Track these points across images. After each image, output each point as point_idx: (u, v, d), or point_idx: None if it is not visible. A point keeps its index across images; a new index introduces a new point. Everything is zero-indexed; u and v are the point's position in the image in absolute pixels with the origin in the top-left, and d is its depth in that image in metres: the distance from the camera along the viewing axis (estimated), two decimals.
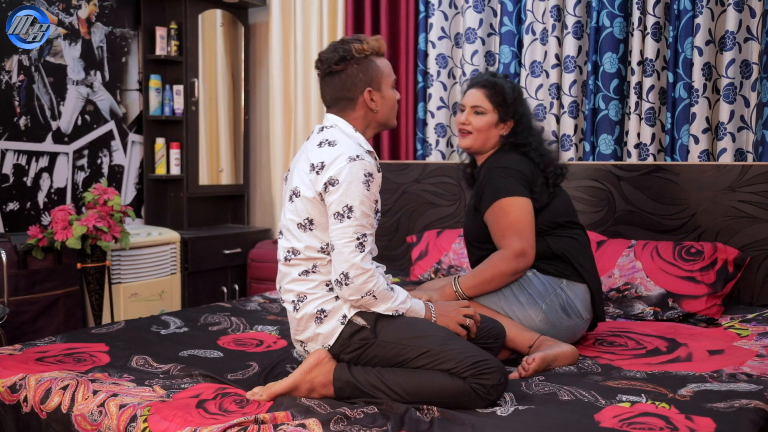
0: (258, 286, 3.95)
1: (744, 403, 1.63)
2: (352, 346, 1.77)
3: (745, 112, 2.94)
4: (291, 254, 1.82)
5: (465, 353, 1.71)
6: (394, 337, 1.75)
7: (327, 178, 1.74)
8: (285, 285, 1.86)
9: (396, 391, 1.69)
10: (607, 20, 3.12)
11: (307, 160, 1.81)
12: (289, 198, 1.83)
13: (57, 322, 3.09)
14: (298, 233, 1.80)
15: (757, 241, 2.75)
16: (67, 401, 1.71)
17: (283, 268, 1.86)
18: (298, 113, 4.09)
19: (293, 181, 1.84)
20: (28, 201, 3.46)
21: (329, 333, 1.79)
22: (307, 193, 1.77)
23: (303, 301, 1.81)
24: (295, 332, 1.86)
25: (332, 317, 1.79)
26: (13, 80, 3.36)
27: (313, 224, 1.78)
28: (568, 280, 2.22)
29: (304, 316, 1.81)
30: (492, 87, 2.32)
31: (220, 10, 4.13)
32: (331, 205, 1.74)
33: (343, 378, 1.72)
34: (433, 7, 3.57)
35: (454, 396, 1.67)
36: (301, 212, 1.79)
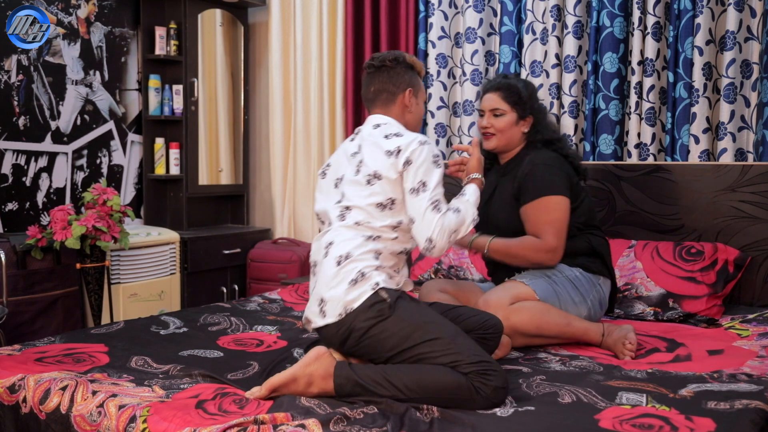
0: (257, 286, 3.95)
1: (744, 403, 1.62)
2: (369, 315, 1.81)
3: (745, 112, 2.93)
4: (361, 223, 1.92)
5: (471, 350, 1.75)
6: (408, 317, 1.81)
7: (404, 159, 1.91)
8: (338, 242, 1.91)
9: (398, 387, 1.69)
10: (607, 20, 3.12)
11: (378, 149, 1.96)
12: (367, 182, 1.94)
13: (56, 323, 3.09)
14: (376, 212, 1.92)
15: (757, 242, 2.74)
16: (67, 402, 1.71)
17: (343, 229, 1.93)
18: (298, 113, 4.08)
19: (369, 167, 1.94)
20: (27, 201, 3.46)
21: (356, 297, 1.83)
22: (389, 175, 1.91)
23: (349, 258, 1.87)
24: (323, 287, 1.89)
25: (366, 283, 1.84)
26: (12, 80, 3.35)
27: (394, 204, 1.92)
28: (603, 276, 2.37)
29: (344, 272, 1.86)
30: (506, 88, 2.44)
31: (219, 9, 4.13)
32: (408, 183, 1.91)
33: (344, 374, 1.73)
34: (433, 6, 3.56)
35: (454, 391, 1.68)
36: (384, 193, 1.92)
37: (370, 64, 2.11)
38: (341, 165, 2.06)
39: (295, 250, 3.91)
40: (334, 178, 2.05)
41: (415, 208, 1.90)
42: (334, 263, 1.88)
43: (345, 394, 1.72)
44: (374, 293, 1.83)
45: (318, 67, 4.00)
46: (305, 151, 4.10)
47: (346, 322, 1.83)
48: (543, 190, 2.30)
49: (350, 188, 1.97)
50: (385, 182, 1.92)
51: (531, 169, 2.35)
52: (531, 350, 2.20)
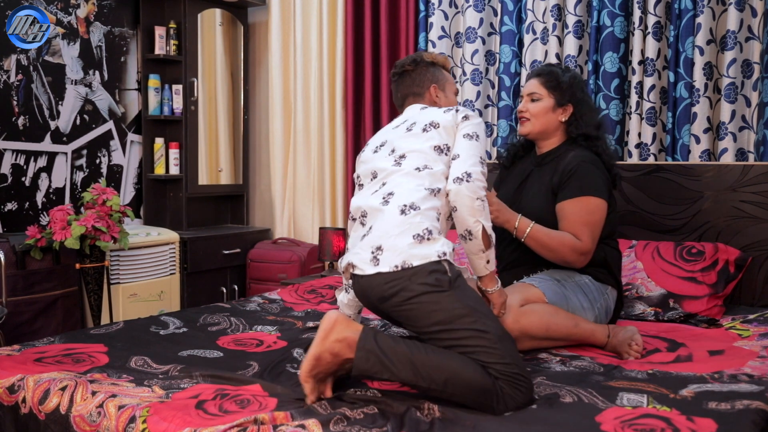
0: (257, 286, 3.94)
1: (745, 404, 1.62)
2: (427, 280, 1.71)
3: (746, 112, 2.93)
4: (422, 168, 1.91)
5: (512, 356, 1.68)
6: (465, 299, 1.72)
7: (463, 115, 2.00)
8: (401, 191, 1.86)
9: (422, 374, 1.62)
10: (607, 19, 3.11)
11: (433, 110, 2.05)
12: (422, 130, 1.98)
13: (56, 323, 3.08)
14: (433, 154, 1.94)
15: (758, 242, 2.74)
16: (66, 402, 1.70)
17: (402, 177, 1.90)
18: (298, 113, 4.08)
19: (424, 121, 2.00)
20: (27, 201, 3.46)
21: (419, 256, 1.74)
22: (447, 124, 1.98)
23: (416, 209, 1.81)
24: (383, 235, 1.79)
25: (432, 245, 1.76)
26: (11, 80, 3.35)
27: (450, 151, 1.95)
28: (611, 287, 2.37)
29: (410, 223, 1.78)
30: (546, 74, 2.44)
31: (219, 9, 4.12)
32: (463, 129, 1.97)
33: (368, 347, 1.64)
34: (434, 6, 3.56)
35: (478, 393, 1.61)
36: (440, 138, 1.96)
37: (393, 73, 2.20)
38: (382, 136, 2.09)
39: (295, 250, 3.90)
40: (375, 146, 2.07)
41: (464, 147, 1.94)
42: (398, 211, 1.81)
43: (363, 369, 1.65)
44: (438, 261, 1.74)
45: (318, 67, 3.99)
46: (305, 151, 4.10)
47: (400, 277, 1.72)
48: (587, 190, 2.26)
49: (403, 140, 2.00)
50: (442, 130, 1.96)
51: (577, 165, 2.30)
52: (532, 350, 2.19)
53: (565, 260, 2.24)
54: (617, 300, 2.41)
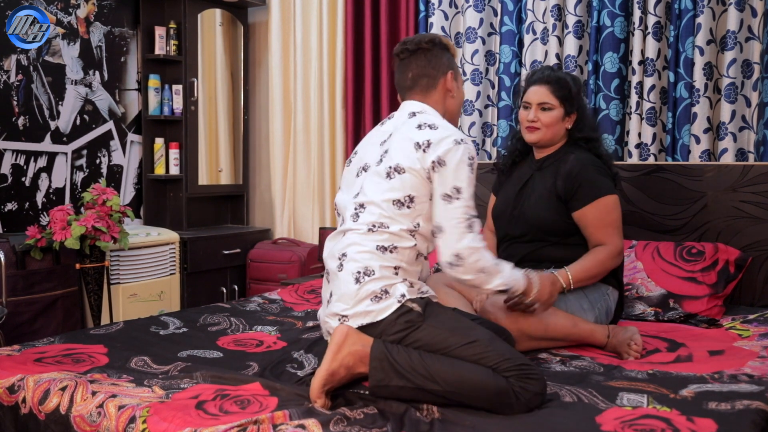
0: (257, 286, 3.94)
1: (745, 404, 1.62)
2: (397, 327, 1.71)
3: (746, 112, 2.93)
4: (376, 227, 1.78)
5: (511, 353, 1.69)
6: (442, 323, 1.72)
7: (435, 158, 1.76)
8: (352, 253, 1.77)
9: (435, 379, 1.62)
10: (607, 19, 3.11)
11: (407, 140, 1.81)
12: (386, 175, 1.80)
13: (56, 323, 3.08)
14: (392, 210, 1.77)
15: (758, 242, 2.74)
16: (66, 402, 1.70)
17: (356, 236, 1.79)
18: (298, 113, 4.08)
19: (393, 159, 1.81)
20: (27, 201, 3.45)
21: (381, 310, 1.72)
22: (414, 168, 1.77)
23: (370, 276, 1.74)
24: (344, 304, 1.76)
25: (390, 297, 1.73)
26: (11, 80, 3.35)
27: (413, 202, 1.78)
28: (612, 287, 2.35)
29: (366, 291, 1.73)
30: (556, 82, 2.37)
31: (219, 9, 4.12)
32: (439, 186, 1.77)
33: (380, 357, 1.65)
34: (434, 6, 3.56)
35: (494, 395, 1.61)
36: (403, 189, 1.78)
37: (403, 49, 1.95)
38: (367, 152, 1.93)
39: (295, 251, 3.90)
40: (357, 167, 1.92)
41: (446, 217, 1.76)
42: (352, 280, 1.75)
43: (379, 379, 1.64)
44: (401, 305, 1.72)
45: (318, 67, 3.99)
46: (305, 151, 4.10)
47: (373, 332, 1.72)
48: (598, 191, 2.27)
49: (369, 180, 1.84)
50: (407, 177, 1.77)
51: (581, 169, 2.29)
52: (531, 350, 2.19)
53: (608, 269, 2.27)
54: (618, 301, 2.41)
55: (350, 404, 1.65)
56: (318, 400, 1.63)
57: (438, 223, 1.78)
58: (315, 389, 1.64)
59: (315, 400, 1.63)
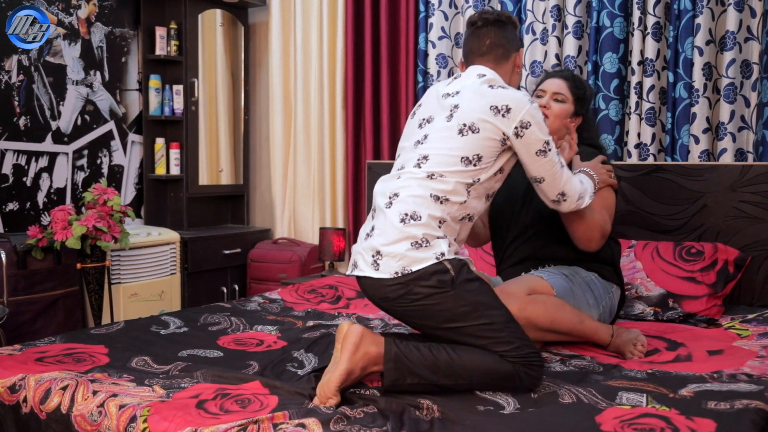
0: (258, 286, 3.95)
1: (745, 403, 1.62)
2: (429, 283, 1.75)
3: (745, 112, 2.93)
4: (435, 176, 1.84)
5: (520, 339, 1.77)
6: (469, 296, 1.77)
7: (518, 123, 1.86)
8: (404, 195, 1.83)
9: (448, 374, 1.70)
10: (607, 20, 3.12)
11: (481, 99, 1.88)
12: (459, 132, 1.87)
13: (56, 323, 3.09)
14: (458, 165, 1.84)
15: (757, 242, 2.74)
16: (67, 401, 1.71)
17: (413, 181, 1.85)
18: (298, 113, 4.08)
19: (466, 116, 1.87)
20: (28, 201, 3.46)
21: (418, 260, 1.76)
22: (487, 133, 1.86)
23: (416, 220, 1.79)
24: (384, 239, 1.80)
25: (430, 249, 1.77)
26: (12, 80, 3.36)
27: (480, 161, 1.86)
28: (616, 285, 2.38)
29: (407, 233, 1.78)
30: (573, 79, 2.44)
31: (219, 9, 4.13)
32: (531, 144, 1.89)
33: (394, 357, 1.70)
34: (433, 7, 3.56)
35: (502, 379, 1.73)
36: (472, 149, 1.85)
37: (482, 18, 2.04)
38: (432, 106, 1.98)
39: (295, 250, 3.91)
40: (420, 119, 1.98)
41: (544, 169, 1.92)
42: (398, 219, 1.80)
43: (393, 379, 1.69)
44: (438, 263, 1.76)
45: (318, 67, 4.00)
46: (305, 151, 4.11)
47: (402, 283, 1.76)
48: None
49: (437, 134, 1.90)
50: (480, 137, 1.85)
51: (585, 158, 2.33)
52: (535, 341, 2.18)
53: (590, 238, 2.20)
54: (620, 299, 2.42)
55: (350, 403, 1.65)
56: (333, 397, 1.64)
57: (536, 175, 1.94)
58: (331, 388, 1.65)
59: (330, 397, 1.64)
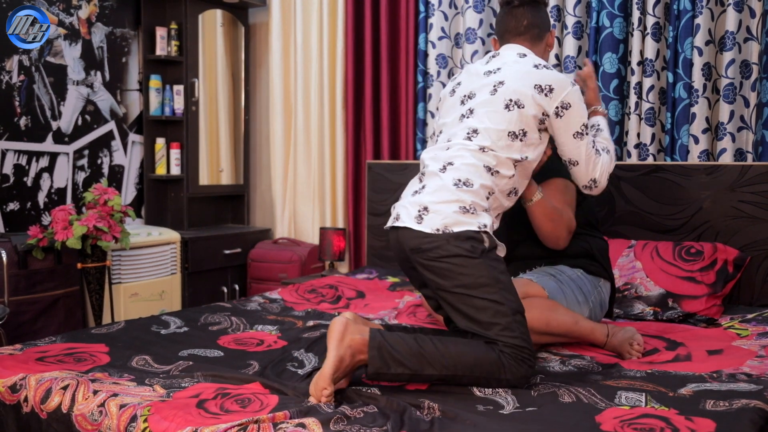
0: (258, 286, 3.95)
1: (744, 403, 1.62)
2: (462, 245, 1.81)
3: (744, 112, 2.94)
4: (486, 150, 1.91)
5: (520, 332, 1.78)
6: (491, 270, 1.81)
7: (559, 102, 1.93)
8: (459, 164, 1.90)
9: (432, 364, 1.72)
10: (606, 20, 3.12)
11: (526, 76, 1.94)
12: (505, 106, 1.92)
13: (57, 322, 3.09)
14: (506, 140, 1.91)
15: (757, 241, 2.75)
16: (68, 401, 1.71)
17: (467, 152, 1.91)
18: (298, 113, 4.09)
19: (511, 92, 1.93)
20: (29, 201, 3.47)
21: (461, 222, 1.83)
22: (531, 108, 1.92)
23: (468, 186, 1.87)
24: (430, 198, 1.87)
25: (475, 218, 1.84)
26: (13, 80, 3.36)
27: (525, 136, 1.92)
28: (603, 279, 2.37)
29: (459, 194, 1.85)
30: None
31: (220, 10, 4.13)
32: (569, 125, 1.95)
33: (378, 345, 1.72)
34: (433, 7, 3.57)
35: (486, 366, 1.73)
36: (518, 123, 1.92)
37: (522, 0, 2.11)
38: (473, 82, 2.04)
39: (296, 250, 3.91)
40: (462, 95, 2.04)
41: (578, 151, 1.97)
42: (452, 182, 1.87)
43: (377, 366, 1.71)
44: (477, 231, 1.83)
45: (318, 67, 4.00)
46: (305, 151, 4.11)
47: (438, 238, 1.82)
48: (557, 172, 2.31)
49: (483, 108, 1.95)
50: (525, 112, 1.91)
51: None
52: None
53: (558, 235, 2.23)
54: (611, 292, 2.42)
55: (350, 402, 1.66)
56: (328, 387, 1.65)
57: (572, 158, 2.00)
58: (325, 377, 1.66)
59: (324, 387, 1.65)
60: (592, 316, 2.30)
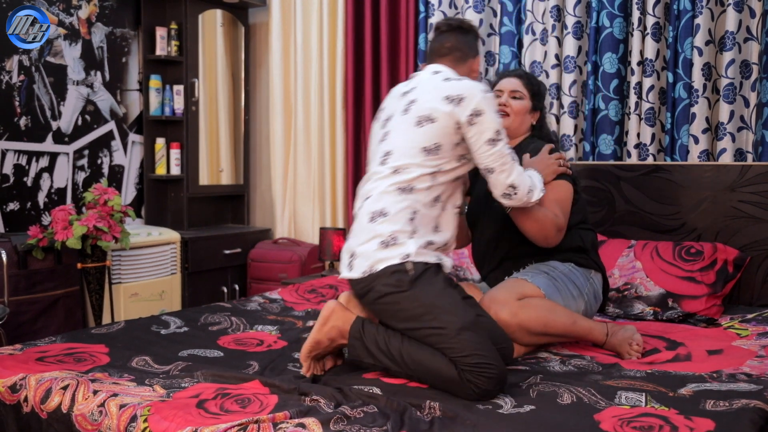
0: (258, 286, 3.95)
1: (744, 403, 1.63)
2: (389, 281, 1.83)
3: (744, 112, 2.94)
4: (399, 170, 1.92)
5: (474, 349, 1.75)
6: (425, 298, 1.82)
7: (471, 110, 1.90)
8: (375, 195, 1.93)
9: (396, 358, 1.81)
10: (606, 20, 3.12)
11: (436, 91, 1.95)
12: (417, 123, 1.93)
13: (57, 322, 3.09)
14: (419, 156, 1.91)
15: (756, 241, 2.75)
16: (68, 401, 1.71)
17: (380, 180, 1.93)
18: (298, 113, 4.09)
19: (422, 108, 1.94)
20: (29, 201, 3.47)
21: (383, 259, 1.85)
22: (443, 120, 1.91)
23: (384, 216, 1.88)
24: (355, 242, 1.92)
25: (397, 248, 1.85)
26: (13, 80, 3.36)
27: (439, 149, 1.92)
28: (594, 270, 2.37)
29: (376, 232, 1.87)
30: (527, 77, 2.51)
31: (220, 10, 4.13)
32: (482, 132, 1.92)
33: (356, 336, 1.87)
34: (433, 7, 3.57)
35: (446, 382, 1.76)
36: (431, 138, 1.91)
37: (446, 24, 2.16)
38: (391, 105, 2.07)
39: (296, 250, 3.91)
40: (383, 120, 2.07)
41: (494, 158, 1.94)
42: (367, 218, 1.90)
43: (354, 354, 1.88)
44: (401, 263, 1.83)
45: (318, 67, 4.00)
46: (305, 151, 4.11)
47: (367, 281, 1.86)
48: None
49: (397, 128, 1.98)
50: (437, 126, 1.91)
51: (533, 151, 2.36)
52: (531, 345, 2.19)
53: (546, 235, 2.21)
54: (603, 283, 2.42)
55: (350, 402, 1.66)
56: (304, 362, 1.88)
57: (487, 166, 1.96)
58: (302, 354, 1.89)
59: (302, 362, 1.89)
60: (587, 309, 2.30)
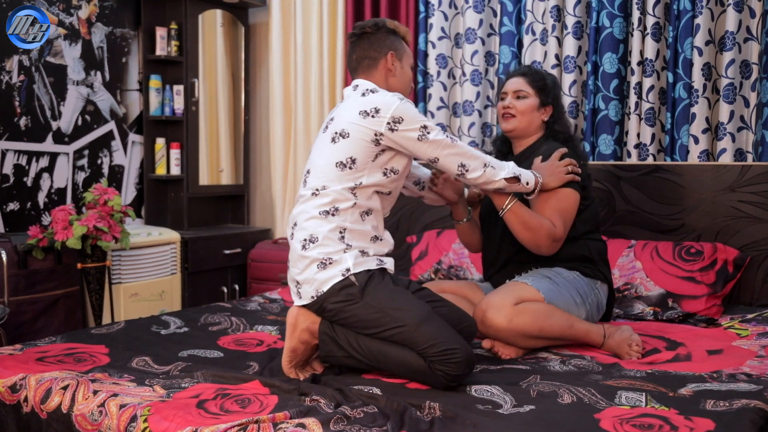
0: (258, 286, 3.95)
1: (744, 403, 1.63)
2: (338, 298, 1.87)
3: (744, 113, 2.94)
4: (319, 191, 1.93)
5: (437, 338, 1.79)
6: (377, 302, 1.86)
7: (389, 119, 1.90)
8: (301, 222, 1.94)
9: (364, 354, 1.86)
10: (606, 20, 3.12)
11: (352, 107, 1.96)
12: (331, 140, 1.95)
13: (57, 322, 3.09)
14: (334, 172, 1.92)
15: (756, 241, 2.75)
16: (68, 401, 1.71)
17: (304, 204, 1.95)
18: (298, 113, 4.09)
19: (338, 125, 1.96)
20: (29, 201, 3.47)
21: (326, 280, 1.88)
22: (357, 135, 1.91)
23: (314, 243, 1.90)
24: (295, 271, 1.95)
25: (335, 267, 1.88)
26: (13, 80, 3.36)
27: (355, 163, 1.92)
28: (600, 281, 2.36)
29: (310, 258, 1.89)
30: (531, 73, 2.45)
31: (220, 10, 4.13)
32: (409, 134, 1.91)
33: (327, 332, 1.91)
34: (433, 7, 3.57)
35: (416, 373, 1.81)
36: (345, 152, 1.92)
37: (351, 34, 2.15)
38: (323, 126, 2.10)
39: None
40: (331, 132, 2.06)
41: (431, 150, 1.93)
42: (299, 246, 1.92)
43: (327, 350, 1.91)
44: (344, 278, 1.87)
45: (318, 67, 4.00)
46: (305, 151, 4.11)
47: (319, 302, 1.89)
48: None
49: (316, 146, 2.03)
50: (351, 140, 1.92)
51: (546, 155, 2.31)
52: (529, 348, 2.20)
53: (538, 244, 2.19)
54: (609, 295, 2.40)
55: (350, 402, 1.66)
56: (290, 374, 1.91)
57: (429, 157, 1.95)
58: (284, 368, 1.92)
59: (287, 375, 1.91)
60: (588, 318, 2.29)
